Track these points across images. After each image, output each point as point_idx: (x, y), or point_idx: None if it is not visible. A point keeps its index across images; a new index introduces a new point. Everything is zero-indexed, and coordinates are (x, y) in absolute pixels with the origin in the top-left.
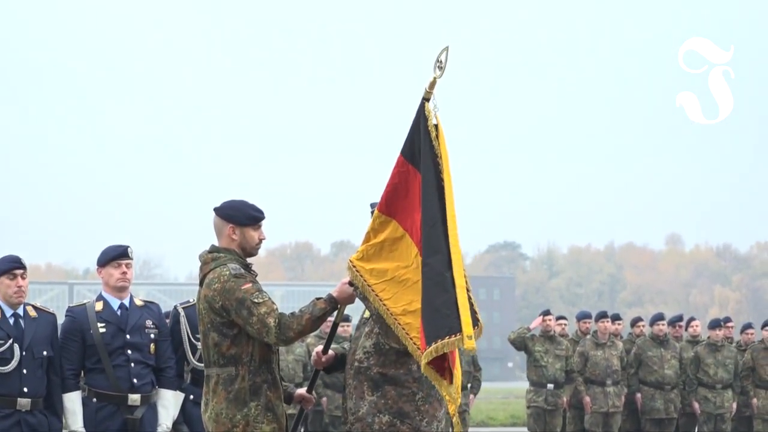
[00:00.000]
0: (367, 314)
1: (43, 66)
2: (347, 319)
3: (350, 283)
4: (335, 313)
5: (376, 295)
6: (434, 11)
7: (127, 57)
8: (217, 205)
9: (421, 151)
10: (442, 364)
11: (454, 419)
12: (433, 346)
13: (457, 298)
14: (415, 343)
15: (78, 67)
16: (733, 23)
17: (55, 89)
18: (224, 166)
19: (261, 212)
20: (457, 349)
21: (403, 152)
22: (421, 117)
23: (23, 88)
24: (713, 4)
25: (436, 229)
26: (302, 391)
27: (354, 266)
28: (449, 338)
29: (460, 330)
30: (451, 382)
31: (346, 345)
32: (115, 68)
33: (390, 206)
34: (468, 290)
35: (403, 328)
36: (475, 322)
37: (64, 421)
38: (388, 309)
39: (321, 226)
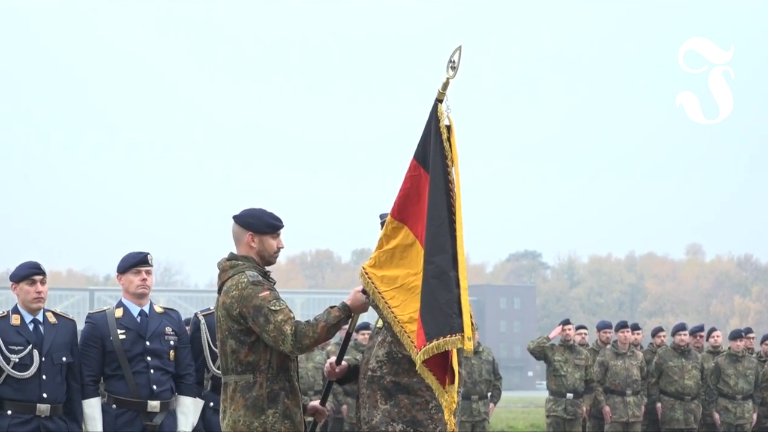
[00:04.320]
0: (380, 323)
1: (61, 76)
2: (366, 326)
3: (363, 291)
4: (349, 321)
5: (386, 303)
6: (450, 27)
7: (148, 66)
8: (237, 212)
9: (431, 153)
10: (442, 365)
11: (449, 425)
12: (434, 342)
13: (460, 298)
14: (417, 352)
15: (95, 77)
16: (733, 23)
17: (72, 100)
18: (245, 175)
19: (280, 220)
20: (455, 351)
21: (416, 155)
22: (433, 119)
23: (44, 100)
24: (713, 4)
25: (442, 229)
26: (315, 403)
27: (366, 273)
28: (451, 336)
29: (462, 330)
30: (452, 381)
31: (359, 356)
32: (137, 77)
33: (402, 212)
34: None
35: (409, 336)
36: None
37: (83, 427)
38: (395, 317)
39: (341, 234)
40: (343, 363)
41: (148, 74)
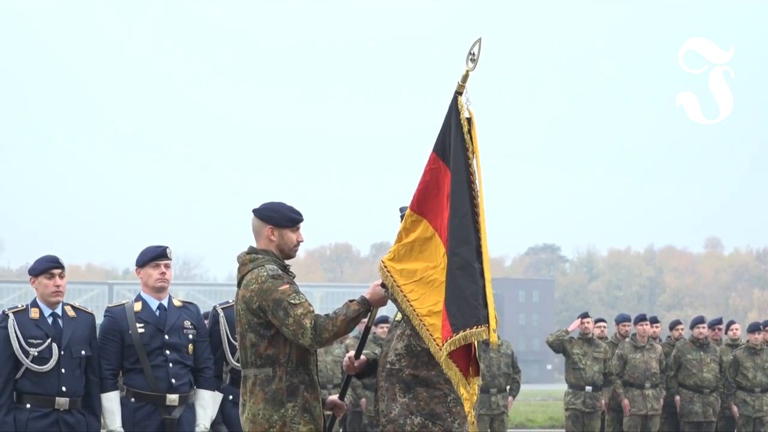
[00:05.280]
0: (399, 317)
1: (63, 82)
2: (386, 320)
3: (382, 285)
4: (368, 315)
5: (405, 296)
6: (458, 24)
7: (165, 65)
8: (257, 206)
9: (451, 146)
10: (465, 357)
11: (469, 418)
12: (461, 334)
13: (485, 289)
14: (437, 344)
15: (109, 75)
16: (733, 23)
17: (81, 100)
18: (264, 170)
19: (299, 214)
20: (476, 343)
21: (435, 148)
22: (453, 111)
23: (49, 99)
24: (713, 4)
25: (465, 221)
26: (334, 397)
27: (385, 266)
28: (477, 328)
29: (487, 321)
30: (477, 373)
31: (377, 350)
32: (151, 80)
33: (421, 205)
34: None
35: (428, 329)
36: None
37: (102, 420)
38: (414, 310)
39: (360, 228)
40: (362, 357)
41: (162, 75)
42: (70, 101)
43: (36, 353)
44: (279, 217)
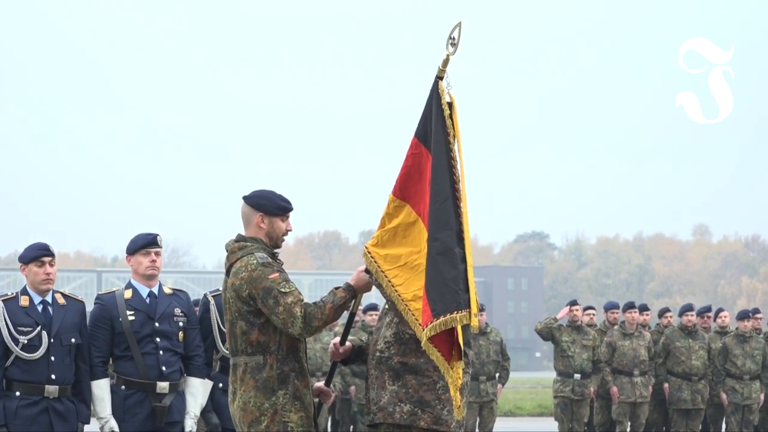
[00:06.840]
0: (388, 305)
1: (65, 57)
2: (375, 307)
3: (366, 271)
4: (353, 301)
5: (389, 281)
6: (447, 6)
7: (157, 48)
8: (246, 193)
9: (432, 130)
10: (447, 341)
11: (455, 402)
12: (441, 319)
13: (466, 274)
14: (422, 329)
15: (104, 58)
16: (733, 23)
17: (81, 82)
18: (253, 157)
19: (290, 203)
20: (462, 330)
21: (417, 134)
22: (434, 96)
23: (52, 82)
24: (713, 4)
25: (446, 206)
26: (321, 384)
27: (369, 252)
28: (458, 313)
29: (468, 306)
30: (459, 358)
31: (364, 336)
32: (146, 59)
33: (404, 190)
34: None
35: (413, 314)
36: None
37: (92, 408)
38: (399, 295)
39: (349, 215)
40: (347, 344)
41: (154, 62)
42: (61, 89)
43: (26, 341)
44: (270, 205)
